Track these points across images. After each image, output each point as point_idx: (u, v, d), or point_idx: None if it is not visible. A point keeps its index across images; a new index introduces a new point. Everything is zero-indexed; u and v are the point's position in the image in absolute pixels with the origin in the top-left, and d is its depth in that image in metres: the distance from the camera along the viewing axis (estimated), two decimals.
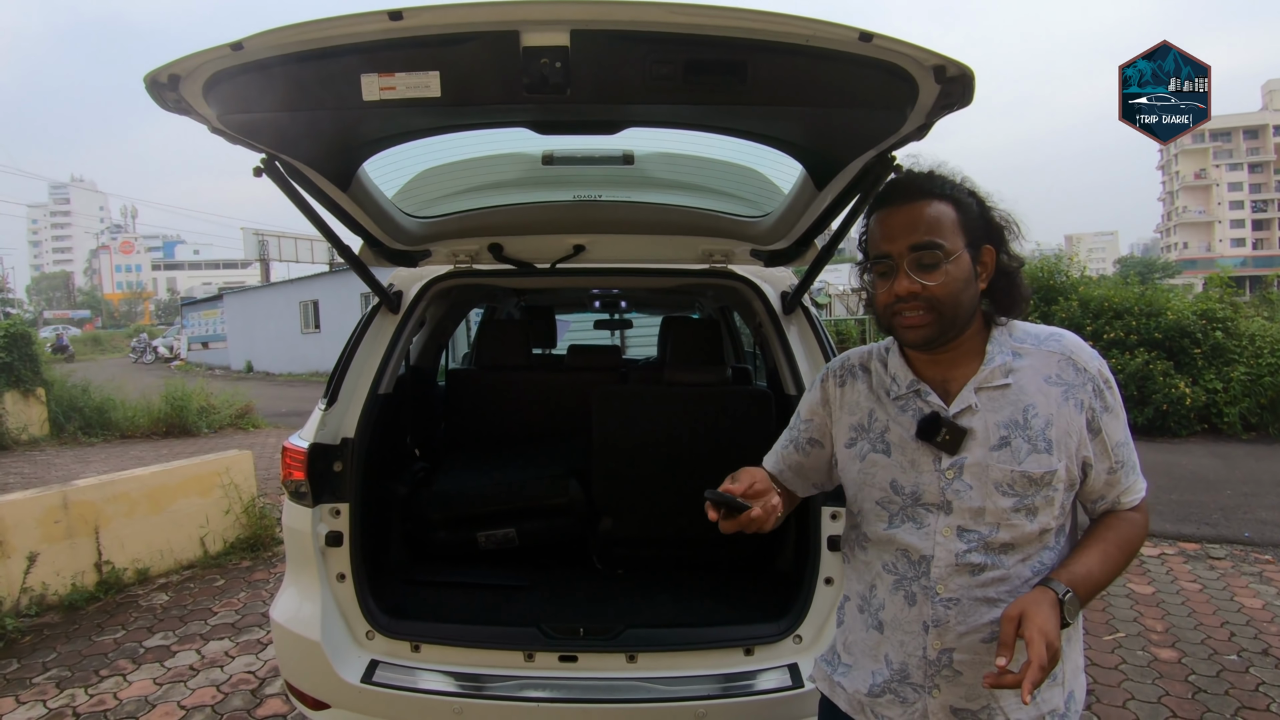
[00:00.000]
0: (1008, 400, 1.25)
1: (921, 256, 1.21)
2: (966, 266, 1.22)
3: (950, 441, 1.24)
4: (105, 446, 10.07)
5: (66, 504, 4.31)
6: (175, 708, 3.16)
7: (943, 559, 1.24)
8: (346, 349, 2.48)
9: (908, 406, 1.31)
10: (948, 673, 1.26)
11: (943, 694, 1.27)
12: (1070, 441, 1.23)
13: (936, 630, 1.26)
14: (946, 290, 1.20)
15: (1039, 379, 1.25)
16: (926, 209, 1.22)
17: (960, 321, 1.24)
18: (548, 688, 2.09)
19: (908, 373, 1.32)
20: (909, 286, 1.21)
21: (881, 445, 1.33)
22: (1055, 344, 1.29)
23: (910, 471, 1.29)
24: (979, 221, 1.26)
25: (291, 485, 2.28)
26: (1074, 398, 1.24)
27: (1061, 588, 1.15)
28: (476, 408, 3.62)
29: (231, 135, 1.66)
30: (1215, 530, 5.52)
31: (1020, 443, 1.22)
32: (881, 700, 1.33)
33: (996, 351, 1.28)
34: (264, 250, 28.66)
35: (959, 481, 1.24)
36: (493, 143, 2.15)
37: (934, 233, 1.21)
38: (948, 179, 1.27)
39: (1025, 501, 1.22)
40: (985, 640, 1.23)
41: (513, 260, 2.61)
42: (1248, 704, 3.12)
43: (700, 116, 1.76)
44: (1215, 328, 9.58)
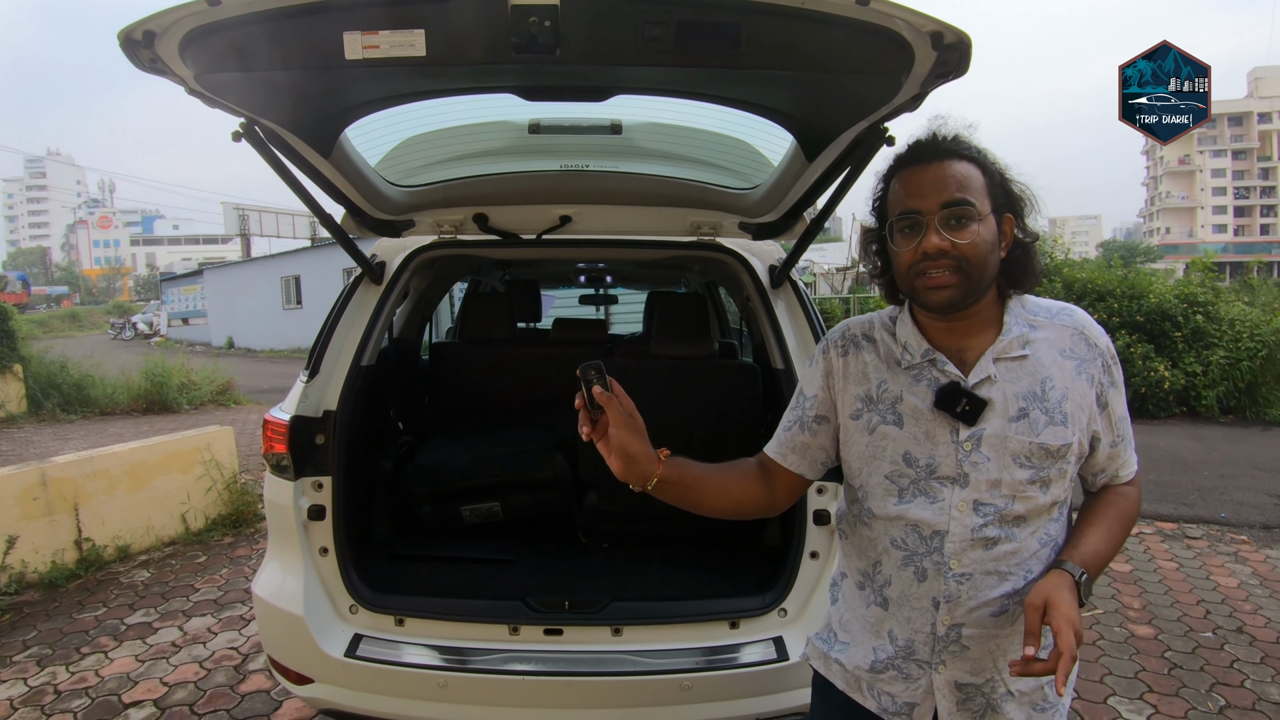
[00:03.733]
0: (1025, 372, 1.24)
1: (952, 213, 1.18)
2: (993, 230, 1.21)
3: (970, 412, 1.22)
4: (84, 423, 9.94)
5: (45, 481, 4.25)
6: (158, 685, 3.14)
7: (958, 534, 1.23)
8: (328, 320, 2.44)
9: (922, 376, 1.27)
10: (955, 648, 1.25)
11: (948, 669, 1.27)
12: (1082, 415, 1.24)
13: (948, 606, 1.24)
14: (976, 250, 1.18)
15: (1054, 352, 1.25)
16: (958, 166, 1.20)
17: (983, 286, 1.22)
18: (533, 661, 2.08)
19: (921, 341, 1.29)
20: (939, 243, 1.17)
21: (893, 416, 1.28)
22: (1068, 318, 1.29)
23: (925, 443, 1.25)
24: (1001, 189, 1.24)
25: (273, 458, 2.25)
26: (1086, 372, 1.24)
27: (1077, 570, 1.16)
28: (461, 381, 3.59)
29: (209, 97, 1.60)
30: (1192, 510, 5.60)
31: (1038, 415, 1.21)
32: (884, 676, 1.32)
33: (1014, 323, 1.26)
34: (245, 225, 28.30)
35: (977, 453, 1.22)
36: (478, 110, 2.10)
37: (966, 190, 1.18)
38: (975, 144, 1.25)
39: (1041, 474, 1.22)
40: (994, 614, 1.23)
41: (498, 231, 2.57)
42: (1222, 680, 3.18)
43: (691, 82, 1.73)
44: (1196, 312, 9.68)
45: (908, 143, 1.27)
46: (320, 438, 2.25)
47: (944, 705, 1.28)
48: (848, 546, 1.41)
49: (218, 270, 29.72)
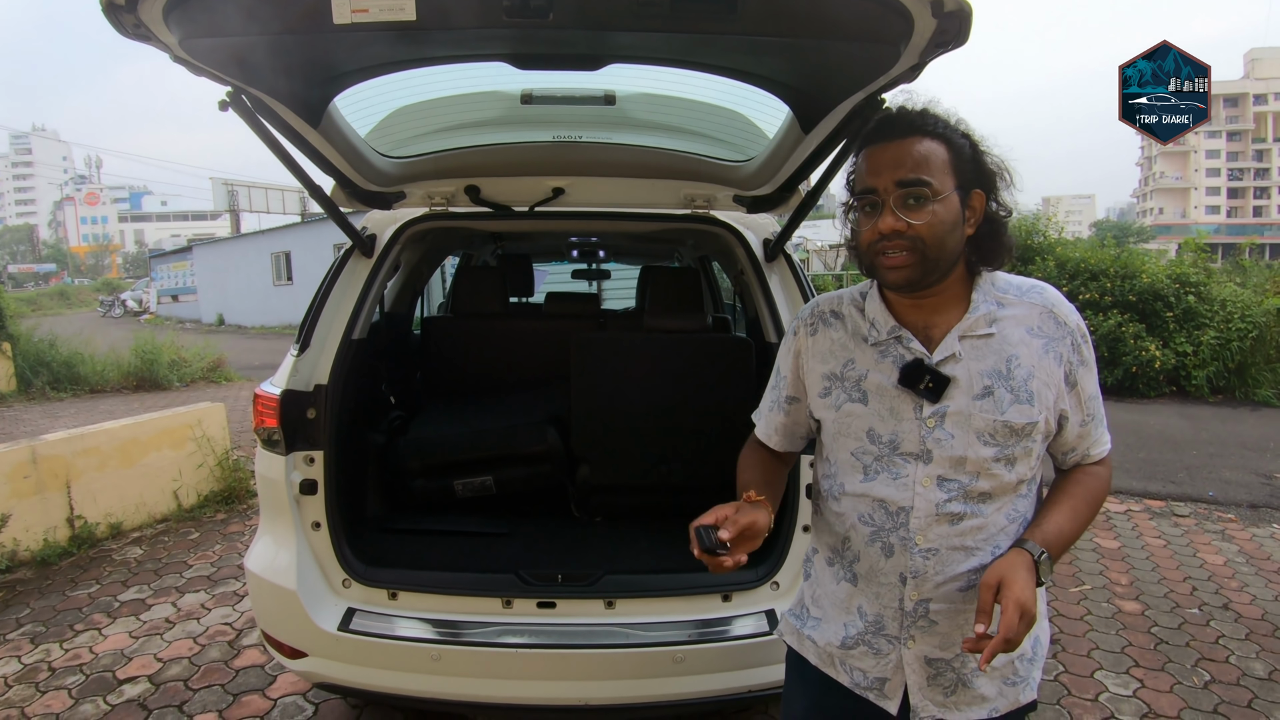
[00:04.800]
0: (991, 349, 1.23)
1: (908, 193, 1.17)
2: (954, 209, 1.19)
3: (933, 389, 1.22)
4: (74, 401, 9.88)
5: (35, 459, 4.22)
6: (152, 660, 3.14)
7: (922, 509, 1.24)
8: (319, 293, 2.41)
9: (888, 353, 1.28)
10: (923, 623, 1.26)
11: (917, 644, 1.28)
12: (1049, 393, 1.23)
13: (914, 581, 1.25)
14: (931, 231, 1.17)
15: (1022, 330, 1.24)
16: (917, 145, 1.18)
17: (943, 265, 1.21)
18: (526, 634, 2.09)
19: (888, 318, 1.29)
20: (893, 224, 1.17)
21: (858, 393, 1.30)
22: (1037, 296, 1.28)
23: (889, 420, 1.26)
24: (970, 164, 1.22)
25: (264, 433, 2.23)
26: (1054, 350, 1.24)
27: (1037, 549, 1.16)
28: (453, 355, 3.57)
29: (194, 64, 1.56)
30: (1180, 488, 5.65)
31: (1003, 393, 1.21)
32: (854, 652, 1.33)
33: (981, 300, 1.25)
34: (234, 201, 27.97)
35: (940, 430, 1.23)
36: (470, 80, 2.06)
37: (922, 170, 1.17)
38: (941, 118, 1.22)
39: (1006, 451, 1.22)
40: (962, 589, 1.24)
41: (490, 203, 2.54)
42: (1208, 655, 3.21)
43: (686, 51, 1.70)
44: (1188, 292, 9.71)
45: (876, 118, 1.26)
46: (311, 412, 2.23)
47: (914, 680, 1.29)
48: (819, 522, 1.42)
49: (207, 246, 29.47)
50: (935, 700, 1.28)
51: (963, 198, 1.20)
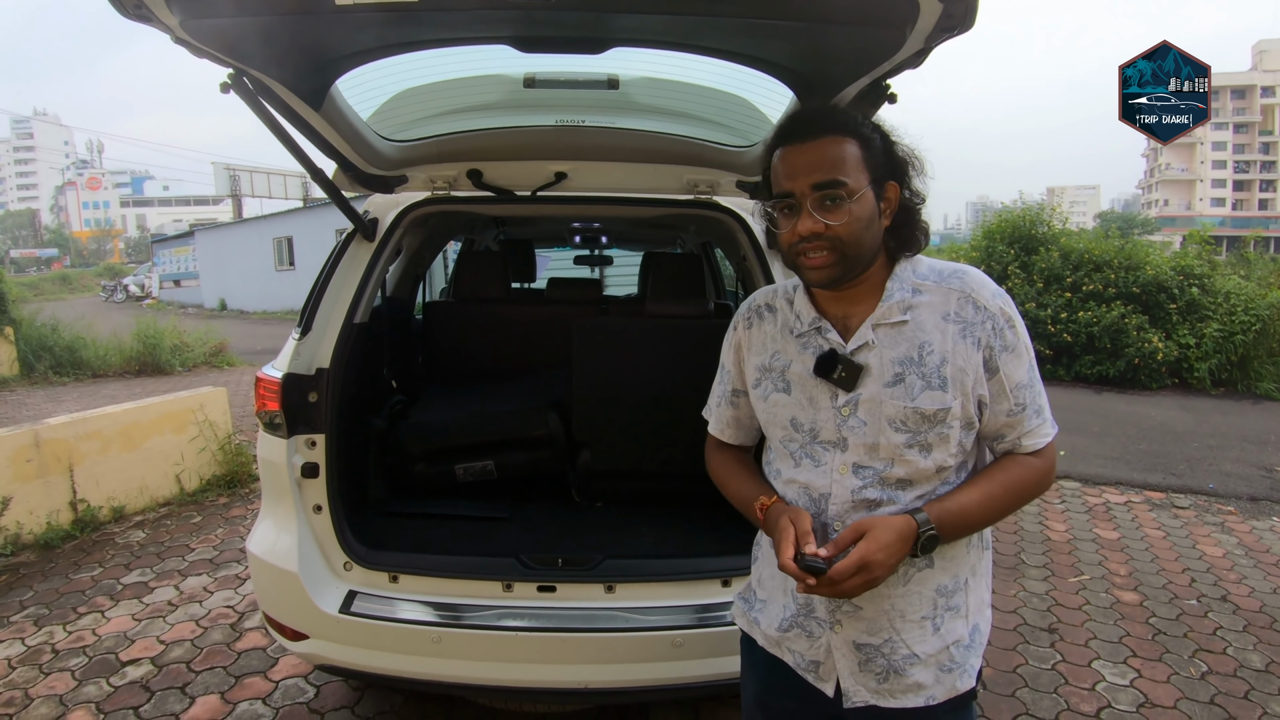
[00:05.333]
0: (904, 337, 1.25)
1: (825, 195, 1.18)
2: (870, 205, 1.21)
3: (846, 378, 1.25)
4: (77, 386, 9.90)
5: (38, 442, 4.23)
6: (155, 643, 3.16)
7: (840, 496, 1.26)
8: (320, 277, 2.41)
9: (809, 344, 1.31)
10: (849, 608, 1.28)
11: (845, 629, 1.29)
12: (966, 379, 1.23)
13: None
14: (849, 230, 1.19)
15: (937, 316, 1.25)
16: (830, 146, 1.20)
17: (864, 260, 1.23)
18: (526, 617, 2.10)
19: (810, 310, 1.32)
20: (812, 226, 1.19)
21: (783, 383, 1.33)
22: (957, 281, 1.27)
23: (809, 409, 1.30)
24: (883, 157, 1.24)
25: (266, 416, 2.24)
26: (971, 335, 1.23)
27: (924, 519, 1.19)
28: (455, 340, 3.57)
29: (195, 46, 1.55)
30: (1180, 480, 5.66)
31: (914, 379, 1.23)
32: (790, 634, 1.36)
33: (896, 288, 1.27)
34: (236, 186, 27.90)
35: (854, 418, 1.25)
36: (473, 63, 2.05)
37: (837, 171, 1.18)
38: (851, 114, 1.26)
39: (919, 438, 1.23)
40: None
41: (492, 187, 2.53)
42: (1205, 646, 3.23)
43: (690, 34, 1.68)
44: (1192, 284, 9.69)
45: (787, 116, 1.28)
46: (313, 395, 2.24)
47: (844, 665, 1.31)
48: None
49: (209, 231, 29.41)
50: (868, 686, 1.29)
51: (877, 191, 1.22)
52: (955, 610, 1.29)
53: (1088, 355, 9.60)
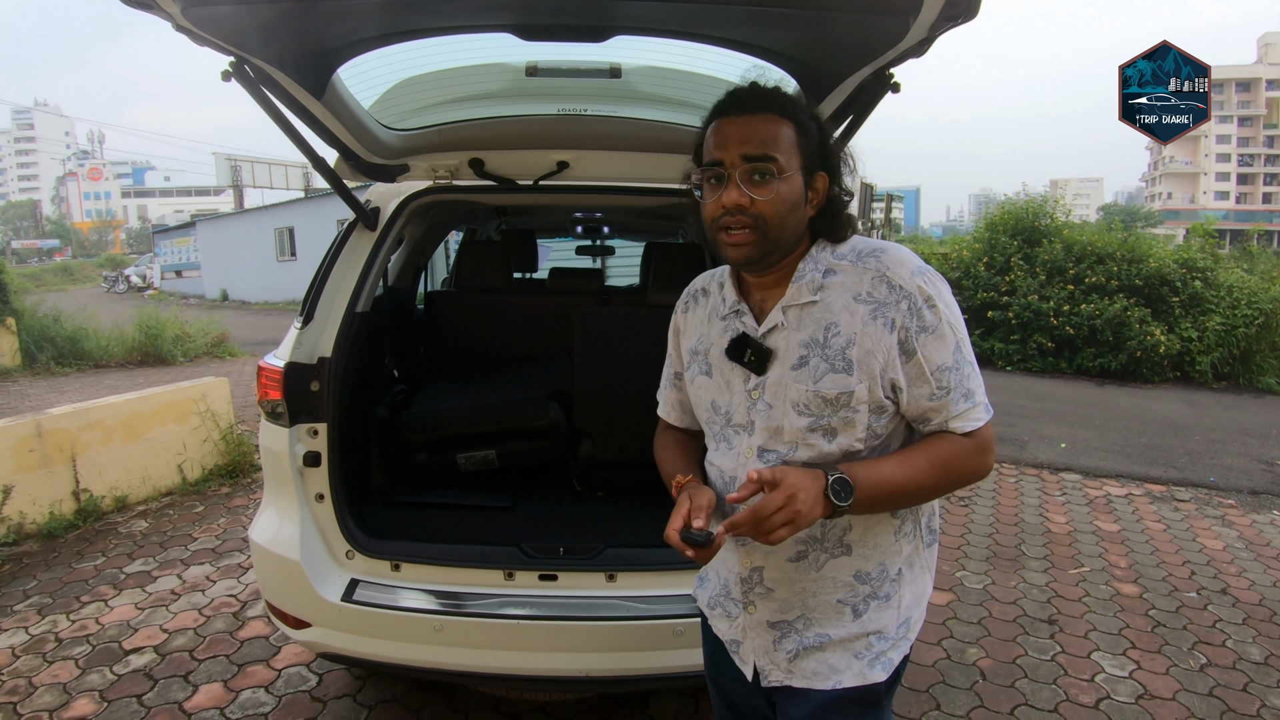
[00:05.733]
0: (812, 318, 1.22)
1: (754, 169, 1.16)
2: (798, 189, 1.19)
3: (756, 361, 1.24)
4: (79, 376, 9.91)
5: (41, 433, 4.24)
6: (158, 631, 3.18)
7: (745, 479, 1.21)
8: (322, 266, 2.41)
9: (729, 327, 1.30)
10: (760, 590, 1.29)
11: (758, 610, 1.30)
12: (874, 362, 1.18)
13: (745, 549, 1.29)
14: (774, 209, 1.17)
15: (847, 296, 1.21)
16: (766, 123, 1.18)
17: (784, 244, 1.21)
18: (528, 605, 2.11)
19: (733, 293, 1.31)
20: (737, 198, 1.16)
21: (706, 366, 1.34)
22: (873, 260, 1.22)
23: (726, 392, 1.30)
24: (816, 147, 1.22)
25: (268, 405, 2.24)
26: (884, 316, 1.18)
27: (836, 473, 1.13)
28: (457, 330, 3.57)
29: (197, 34, 1.55)
30: (1181, 473, 5.66)
31: (818, 361, 1.20)
32: (715, 613, 1.39)
33: (808, 269, 1.24)
34: (237, 176, 27.85)
35: (761, 401, 1.25)
36: (475, 51, 2.04)
37: (770, 147, 1.16)
38: (794, 99, 1.23)
39: (822, 422, 1.20)
40: (792, 560, 1.26)
41: (494, 176, 2.52)
42: (1204, 639, 3.23)
43: (692, 22, 1.68)
44: (1195, 277, 9.66)
45: (727, 92, 1.25)
46: (315, 384, 2.24)
47: (759, 644, 1.32)
48: None
49: (210, 222, 29.37)
50: (780, 665, 1.30)
51: (806, 178, 1.20)
52: (885, 600, 1.27)
53: (1090, 348, 9.58)
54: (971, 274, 10.60)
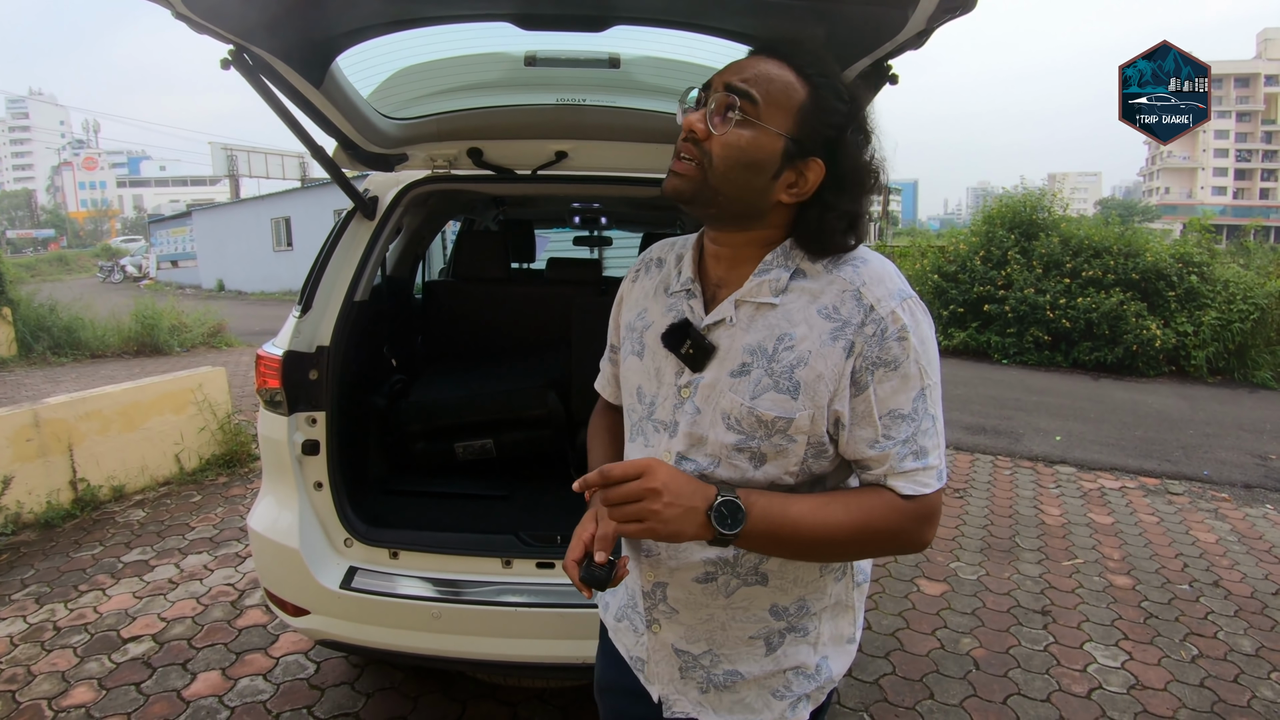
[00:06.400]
0: (765, 323, 1.04)
1: (728, 100, 0.99)
2: (767, 151, 0.99)
3: (694, 356, 1.06)
4: (75, 366, 9.89)
5: (38, 422, 4.23)
6: (155, 620, 3.18)
7: None
8: (321, 255, 2.41)
9: (675, 307, 1.13)
10: (664, 608, 1.14)
11: (664, 630, 1.15)
12: (823, 389, 1.00)
13: (649, 561, 1.13)
14: (724, 154, 0.99)
15: (811, 307, 1.02)
16: (773, 67, 1.00)
17: (724, 202, 1.02)
18: (525, 593, 2.12)
19: (690, 267, 1.14)
20: (695, 123, 1.00)
21: (639, 346, 1.16)
22: (849, 270, 1.04)
23: (654, 380, 1.13)
24: (828, 129, 1.01)
25: (266, 394, 2.24)
26: (844, 337, 1.00)
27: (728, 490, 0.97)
28: (454, 320, 3.58)
29: (197, 22, 1.54)
30: (1176, 467, 5.69)
31: (760, 374, 1.02)
32: (621, 626, 1.24)
33: (776, 263, 1.06)
34: (233, 166, 27.69)
35: (690, 403, 1.07)
36: (473, 41, 2.04)
37: (756, 87, 0.98)
38: (827, 65, 1.03)
39: (751, 443, 1.03)
40: (699, 580, 1.10)
41: (492, 166, 2.52)
42: (1196, 630, 3.26)
43: (691, 12, 1.67)
44: (1191, 272, 9.69)
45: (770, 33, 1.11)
46: (314, 373, 2.24)
47: (663, 669, 1.16)
48: None
49: (206, 212, 29.27)
50: (689, 696, 1.15)
51: (790, 153, 1.00)
52: (801, 634, 1.12)
53: (1086, 342, 9.62)
54: (968, 267, 10.62)
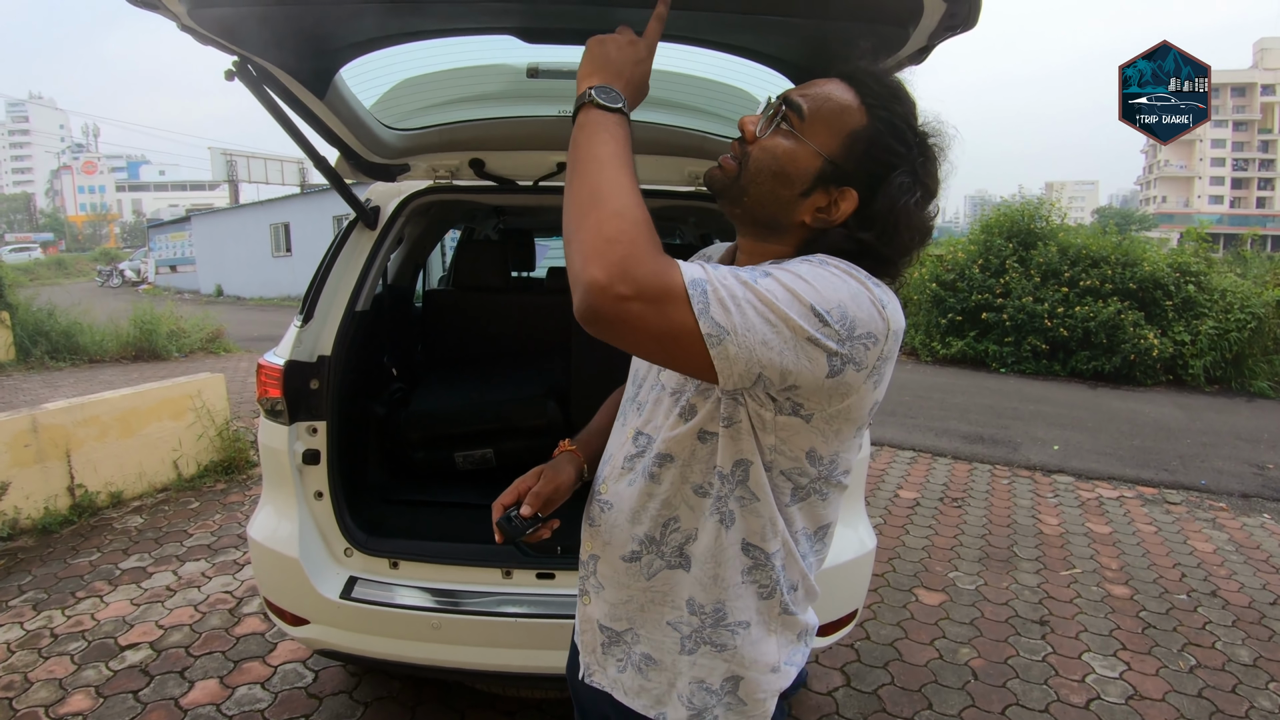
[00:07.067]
0: None
1: (781, 111, 1.00)
2: (802, 166, 0.98)
3: None
4: (73, 371, 9.87)
5: (36, 427, 4.23)
6: (153, 628, 3.18)
7: (615, 459, 1.15)
8: (322, 265, 2.42)
9: None
10: (594, 582, 1.18)
11: (591, 604, 1.19)
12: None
13: (591, 531, 1.19)
14: (760, 159, 1.00)
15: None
16: (841, 90, 0.99)
17: (749, 203, 1.02)
18: (525, 604, 2.12)
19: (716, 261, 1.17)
20: (747, 123, 1.02)
21: None
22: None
23: (644, 365, 1.18)
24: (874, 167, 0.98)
25: (267, 403, 2.25)
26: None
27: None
28: (455, 329, 3.59)
29: (202, 34, 1.55)
30: (1173, 476, 5.70)
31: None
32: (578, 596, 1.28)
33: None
34: (232, 171, 27.70)
35: (659, 380, 1.11)
36: (476, 52, 2.05)
37: (811, 104, 0.98)
38: (902, 111, 1.00)
39: (683, 401, 1.03)
40: (625, 559, 1.12)
41: (494, 176, 2.54)
42: (1194, 640, 3.27)
43: (694, 28, 1.68)
44: (1188, 281, 9.72)
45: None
46: (315, 382, 2.25)
47: (588, 639, 1.20)
48: None
49: (206, 217, 29.29)
50: (608, 673, 1.15)
51: (825, 174, 0.98)
52: (717, 649, 1.07)
53: (1083, 351, 9.63)
54: (966, 276, 10.64)
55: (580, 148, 0.94)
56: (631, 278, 0.82)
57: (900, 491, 5.14)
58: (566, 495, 1.24)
